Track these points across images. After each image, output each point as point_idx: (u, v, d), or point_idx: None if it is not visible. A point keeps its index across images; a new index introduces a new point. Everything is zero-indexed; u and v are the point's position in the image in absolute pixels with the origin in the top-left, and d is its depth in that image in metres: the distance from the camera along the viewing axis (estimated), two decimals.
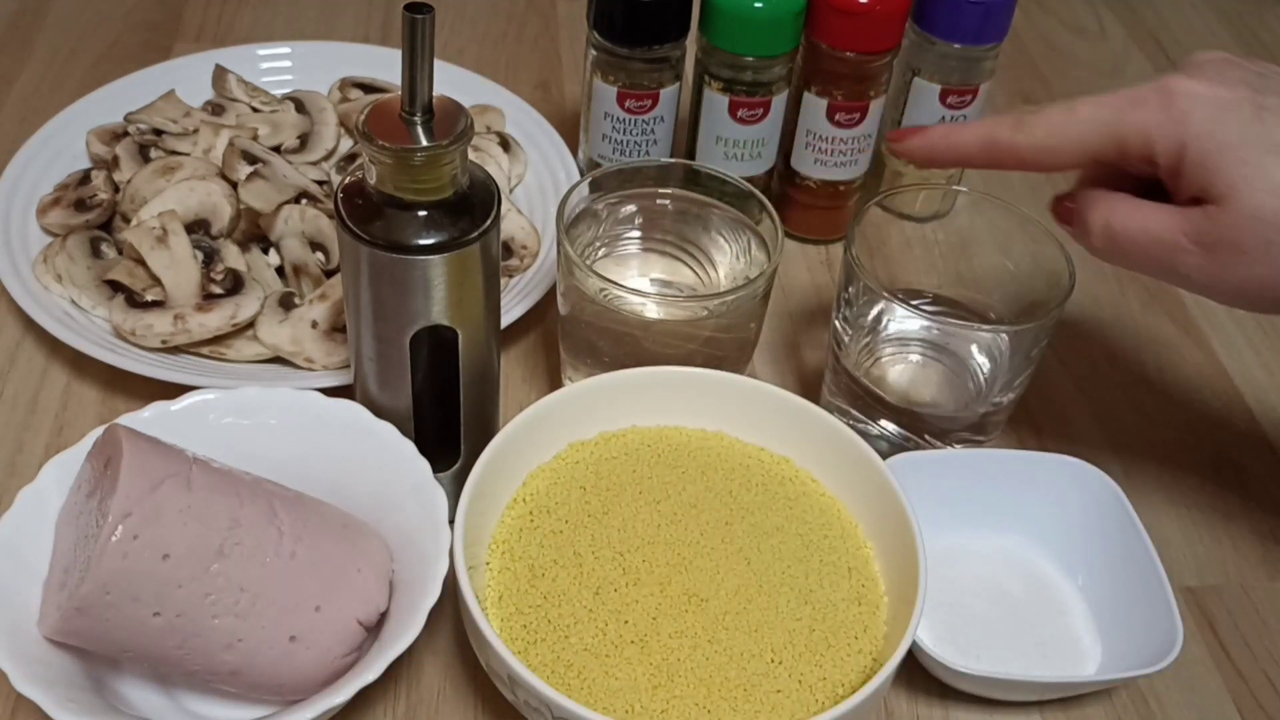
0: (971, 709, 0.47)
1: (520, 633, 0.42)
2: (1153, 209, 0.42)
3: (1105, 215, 0.44)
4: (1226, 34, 0.91)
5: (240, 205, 0.59)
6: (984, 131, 0.45)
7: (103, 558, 0.37)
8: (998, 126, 0.45)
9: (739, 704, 0.41)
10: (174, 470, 0.39)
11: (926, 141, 0.47)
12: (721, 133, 0.62)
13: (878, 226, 0.54)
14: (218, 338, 0.55)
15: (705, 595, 0.44)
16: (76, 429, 0.54)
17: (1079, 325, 0.65)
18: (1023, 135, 0.44)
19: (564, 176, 0.66)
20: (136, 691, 0.43)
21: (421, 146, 0.40)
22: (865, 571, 0.45)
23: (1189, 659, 0.49)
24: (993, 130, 0.45)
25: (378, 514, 0.45)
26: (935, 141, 0.47)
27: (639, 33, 0.59)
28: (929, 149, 0.47)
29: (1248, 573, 0.53)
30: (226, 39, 0.80)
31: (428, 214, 0.41)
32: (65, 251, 0.58)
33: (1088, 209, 0.44)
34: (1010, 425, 0.58)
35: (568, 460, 0.48)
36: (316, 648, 0.41)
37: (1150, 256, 0.43)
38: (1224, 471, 0.58)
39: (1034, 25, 0.90)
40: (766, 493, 0.47)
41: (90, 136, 0.65)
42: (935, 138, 0.47)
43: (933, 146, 0.47)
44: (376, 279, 0.43)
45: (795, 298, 0.65)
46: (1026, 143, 0.44)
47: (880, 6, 0.58)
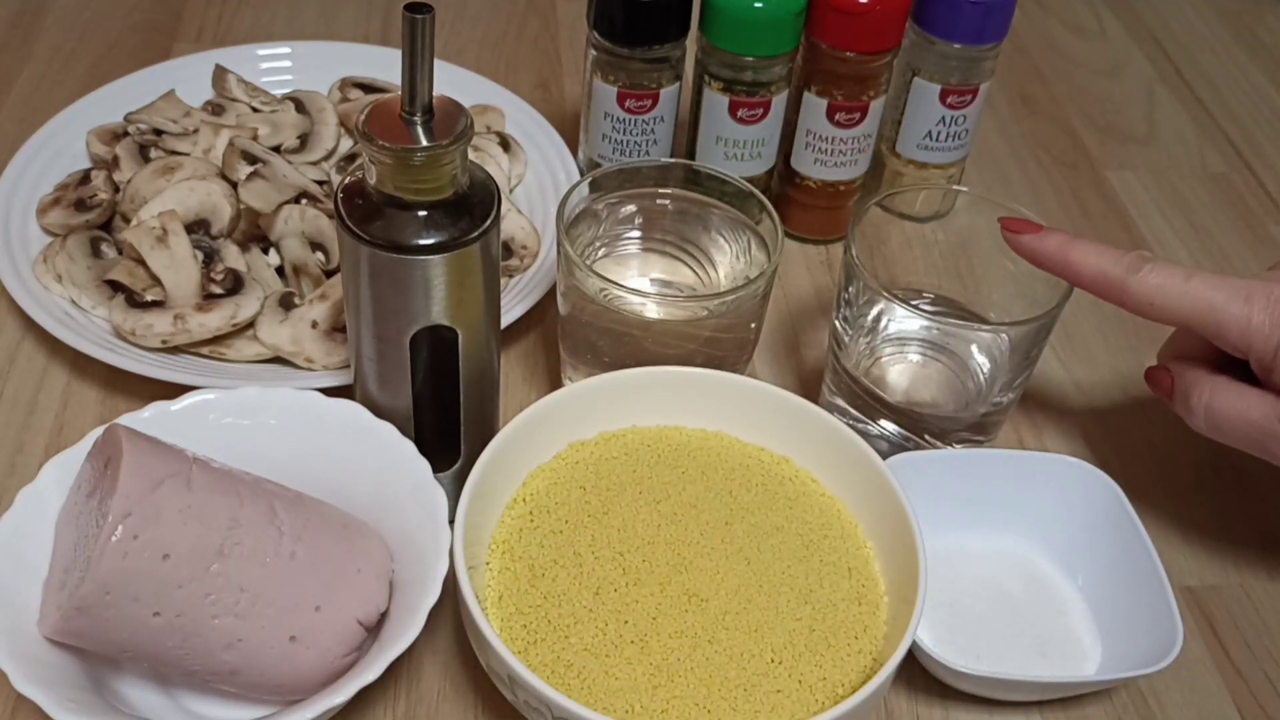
0: (971, 709, 0.47)
1: (520, 633, 0.42)
2: (1250, 395, 0.46)
3: (1208, 399, 0.47)
4: (1227, 34, 0.91)
5: (240, 205, 0.59)
6: (1100, 264, 0.47)
7: (103, 558, 0.37)
8: (1115, 265, 0.47)
9: (739, 704, 0.41)
10: (174, 470, 0.39)
11: (1041, 244, 0.48)
12: (721, 133, 0.62)
13: (878, 226, 0.54)
14: (218, 338, 0.55)
15: (705, 595, 0.44)
16: (76, 429, 0.54)
17: (1079, 325, 0.65)
18: (1134, 283, 0.46)
19: (564, 176, 0.66)
20: (136, 691, 0.43)
21: (421, 146, 0.40)
22: (865, 571, 0.45)
23: (1189, 659, 0.50)
24: (1110, 268, 0.47)
25: (378, 514, 0.45)
26: (1049, 248, 0.48)
27: (639, 33, 0.59)
28: (1044, 254, 0.48)
29: (1248, 573, 0.53)
30: (226, 39, 0.80)
31: (428, 214, 0.41)
32: (65, 251, 0.58)
33: (1190, 390, 0.48)
34: (1010, 425, 0.58)
35: (568, 460, 0.48)
36: (316, 648, 0.41)
37: (1246, 438, 0.47)
38: (1224, 471, 0.58)
39: (1034, 25, 0.90)
40: (766, 493, 0.47)
41: (90, 136, 0.65)
42: (1050, 246, 0.48)
43: (1046, 252, 0.48)
44: (376, 279, 0.43)
45: (795, 298, 0.65)
46: (1136, 292, 0.46)
47: (880, 6, 0.58)
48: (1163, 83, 0.85)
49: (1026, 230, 0.49)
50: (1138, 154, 0.78)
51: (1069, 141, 0.79)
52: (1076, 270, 0.48)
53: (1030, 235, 0.49)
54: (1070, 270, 0.48)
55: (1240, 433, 0.47)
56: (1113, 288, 0.47)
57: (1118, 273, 0.47)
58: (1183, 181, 0.76)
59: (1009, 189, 0.74)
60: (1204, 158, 0.79)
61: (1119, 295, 0.47)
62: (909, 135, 0.65)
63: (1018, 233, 0.49)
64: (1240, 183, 0.77)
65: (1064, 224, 0.72)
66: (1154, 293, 0.46)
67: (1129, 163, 0.77)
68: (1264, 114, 0.83)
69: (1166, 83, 0.85)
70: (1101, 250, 0.47)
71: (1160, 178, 0.76)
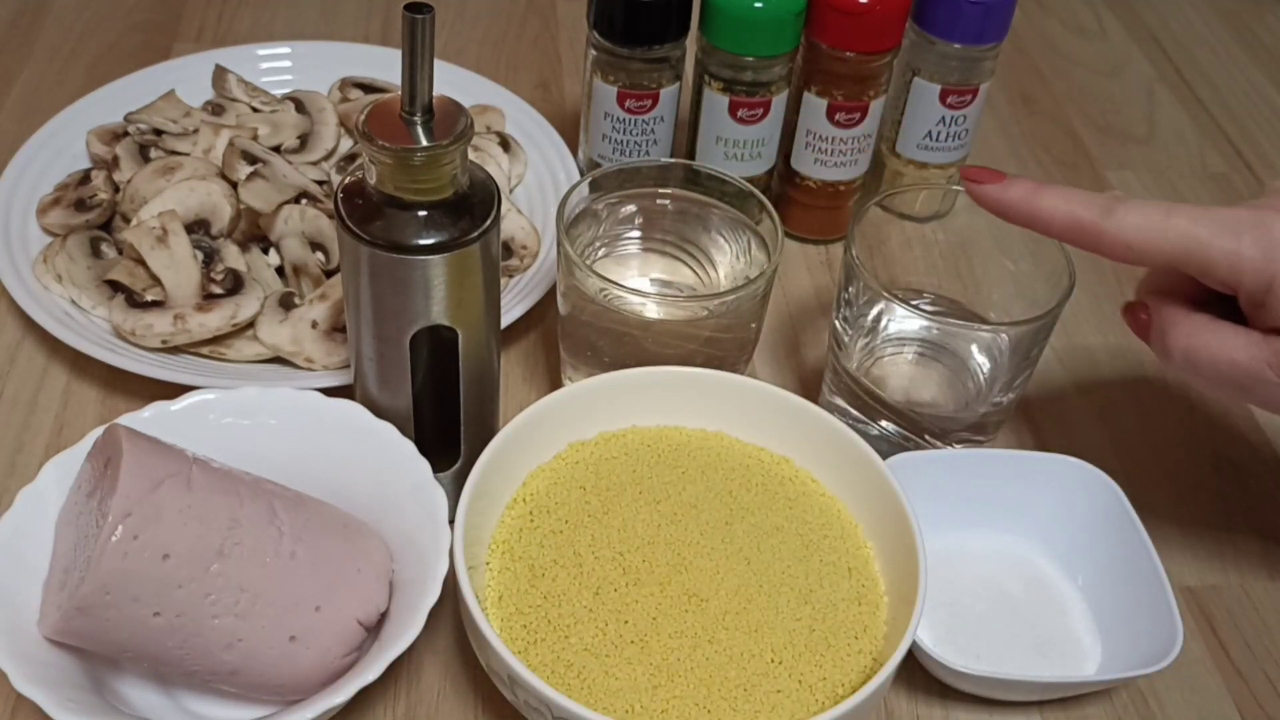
0: (971, 709, 0.47)
1: (520, 633, 0.42)
2: (1235, 335, 0.42)
3: (1187, 340, 0.43)
4: (1227, 34, 0.91)
5: (240, 205, 0.59)
6: (1070, 209, 0.43)
7: (103, 558, 0.37)
8: (1087, 207, 0.43)
9: (739, 704, 0.41)
10: (174, 470, 0.39)
11: (1005, 194, 0.44)
12: (721, 133, 0.62)
13: (878, 226, 0.54)
14: (218, 338, 0.55)
15: (705, 595, 0.44)
16: (76, 429, 0.54)
17: (1079, 325, 0.65)
18: (1111, 225, 0.42)
19: (564, 176, 0.66)
20: (136, 691, 0.43)
21: (421, 146, 0.40)
22: (865, 571, 0.45)
23: (1189, 659, 0.50)
24: (1081, 210, 0.43)
25: (378, 514, 0.45)
26: (1013, 197, 0.44)
27: (639, 33, 0.59)
28: (1008, 203, 0.44)
29: (1248, 573, 0.53)
30: (226, 39, 0.80)
31: (428, 214, 0.41)
32: (65, 251, 0.58)
33: (1168, 328, 0.44)
34: (1010, 425, 0.58)
35: (568, 460, 0.48)
36: (316, 648, 0.41)
37: (1230, 380, 0.43)
38: (1224, 471, 0.58)
39: (1034, 25, 0.90)
40: (766, 493, 0.47)
41: (90, 136, 0.65)
42: (1015, 194, 0.44)
43: (1010, 201, 0.44)
44: (376, 279, 0.43)
45: (795, 298, 0.65)
46: (1115, 234, 0.42)
47: (880, 6, 0.58)
48: (1163, 83, 0.85)
49: (989, 179, 0.45)
50: (1138, 154, 0.78)
51: (1069, 141, 0.79)
52: (1046, 218, 0.44)
53: (993, 185, 0.44)
54: (1039, 219, 0.44)
55: (1221, 375, 0.43)
56: (1086, 233, 0.43)
57: (1091, 216, 0.43)
58: (1183, 181, 0.76)
59: None
60: (1204, 158, 0.79)
61: (1094, 241, 0.43)
62: (909, 135, 0.65)
63: (980, 182, 0.45)
64: (1240, 183, 0.77)
65: None
66: (1132, 233, 0.42)
67: (1129, 163, 0.77)
68: (1264, 114, 0.83)
69: (1166, 83, 0.85)
70: (1072, 194, 0.43)
71: (1160, 178, 0.76)
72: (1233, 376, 0.42)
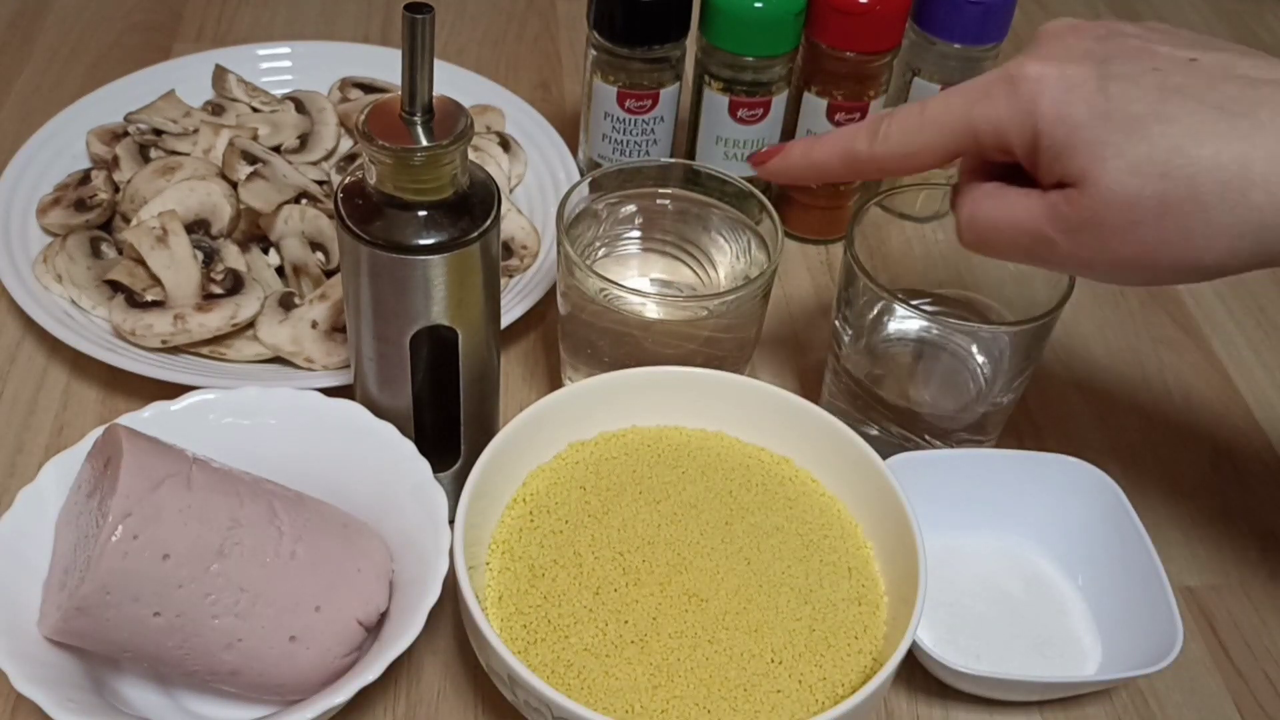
0: (971, 709, 0.47)
1: (520, 633, 0.42)
2: (1016, 198, 0.40)
3: (970, 208, 0.42)
4: (1226, 33, 0.91)
5: (240, 205, 0.59)
6: (842, 145, 0.43)
7: (103, 558, 0.37)
8: (855, 138, 0.43)
9: (739, 704, 0.41)
10: (174, 470, 0.39)
11: (785, 162, 0.45)
12: (721, 133, 0.62)
13: (878, 226, 0.54)
14: (218, 338, 0.55)
15: (705, 595, 0.44)
16: (76, 429, 0.54)
17: (1079, 325, 0.65)
18: (879, 145, 0.42)
19: (564, 176, 0.66)
20: (136, 691, 0.43)
21: (421, 146, 0.40)
22: (865, 571, 0.45)
23: (1189, 659, 0.50)
24: (850, 142, 0.43)
25: (378, 514, 0.45)
26: (794, 161, 0.45)
27: (639, 33, 0.59)
28: (788, 169, 0.45)
29: (1248, 573, 0.53)
30: (226, 39, 0.80)
31: (428, 214, 0.41)
32: (65, 251, 0.58)
33: (958, 204, 0.43)
34: (1010, 425, 0.58)
35: (568, 460, 0.48)
36: (316, 648, 0.41)
37: (1018, 246, 0.41)
38: (1223, 471, 0.58)
39: (1034, 25, 0.89)
40: (766, 493, 0.47)
41: (90, 136, 0.65)
42: (794, 157, 0.45)
43: (791, 167, 0.45)
44: (376, 279, 0.43)
45: (795, 298, 0.65)
46: (884, 151, 0.42)
47: (880, 6, 0.58)
48: None
49: (769, 156, 0.45)
50: None
51: None
52: (825, 164, 0.43)
53: (775, 158, 0.45)
54: (819, 169, 0.44)
55: (1006, 240, 0.41)
56: (863, 162, 0.42)
57: (861, 145, 0.42)
58: None
59: None
60: None
61: (874, 166, 0.42)
62: None
63: (763, 162, 0.45)
64: None
65: None
66: (899, 143, 0.41)
67: None
68: None
69: None
70: (840, 132, 0.43)
71: None
72: (1017, 240, 0.41)
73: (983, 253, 0.42)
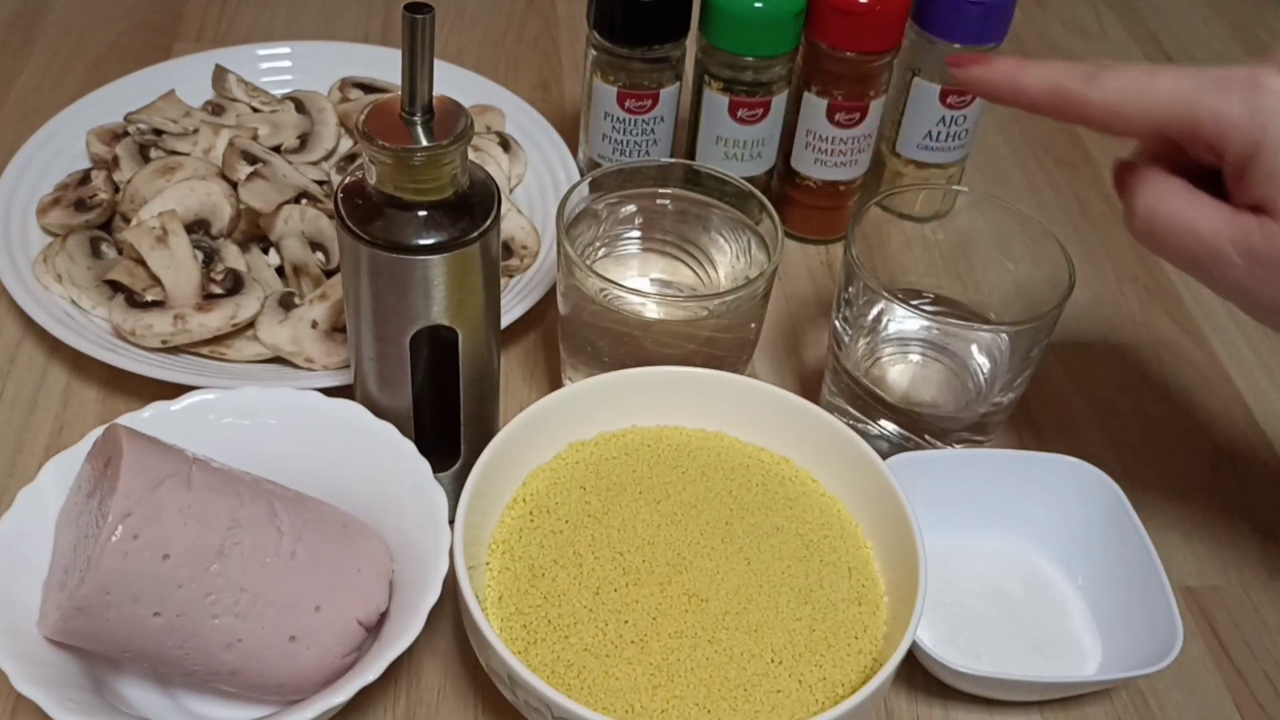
0: (971, 709, 0.47)
1: (520, 633, 0.42)
2: (1205, 206, 0.39)
3: (1152, 200, 0.40)
4: (1226, 33, 0.91)
5: (240, 205, 0.59)
6: (1054, 77, 0.41)
7: (103, 558, 0.37)
8: (1070, 76, 0.41)
9: (739, 704, 0.41)
10: (174, 470, 0.39)
11: (991, 74, 0.43)
12: (721, 133, 0.62)
13: (878, 226, 0.54)
14: (218, 338, 0.55)
15: (705, 595, 0.44)
16: (76, 429, 0.54)
17: (1079, 325, 0.65)
18: (1094, 91, 0.40)
19: (564, 176, 0.66)
20: (136, 691, 0.43)
21: (421, 147, 0.40)
22: (865, 571, 0.45)
23: (1189, 659, 0.49)
24: (1064, 78, 0.41)
25: (378, 514, 0.45)
26: (1000, 77, 0.42)
27: (639, 33, 0.59)
28: (991, 83, 0.43)
29: (1248, 573, 0.53)
30: (226, 39, 0.80)
31: (428, 214, 0.41)
32: (65, 251, 0.58)
33: (1139, 187, 0.41)
34: (1010, 425, 0.58)
35: (568, 460, 0.48)
36: (316, 648, 0.41)
37: (1189, 255, 0.40)
38: (1223, 471, 0.58)
39: (1034, 25, 0.90)
40: (766, 493, 0.47)
41: (90, 136, 0.65)
42: (1001, 73, 0.42)
43: (996, 82, 0.43)
44: (376, 279, 0.43)
45: (795, 298, 0.65)
46: (1098, 100, 0.40)
47: (880, 6, 0.58)
48: None
49: (974, 62, 0.43)
50: None
51: (1069, 141, 0.79)
52: (1030, 92, 0.42)
53: (979, 67, 0.43)
54: (1024, 94, 0.42)
55: (1180, 246, 0.40)
56: (1072, 103, 0.41)
57: (1075, 85, 0.41)
58: None
59: (1009, 189, 0.74)
60: None
61: (1080, 109, 0.41)
62: (909, 135, 0.65)
63: (963, 65, 0.44)
64: None
65: (1064, 224, 0.72)
66: (1116, 97, 0.40)
67: None
68: None
69: None
70: (1055, 65, 0.41)
71: None
72: (1191, 249, 0.39)
73: (1148, 246, 0.41)
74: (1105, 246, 0.70)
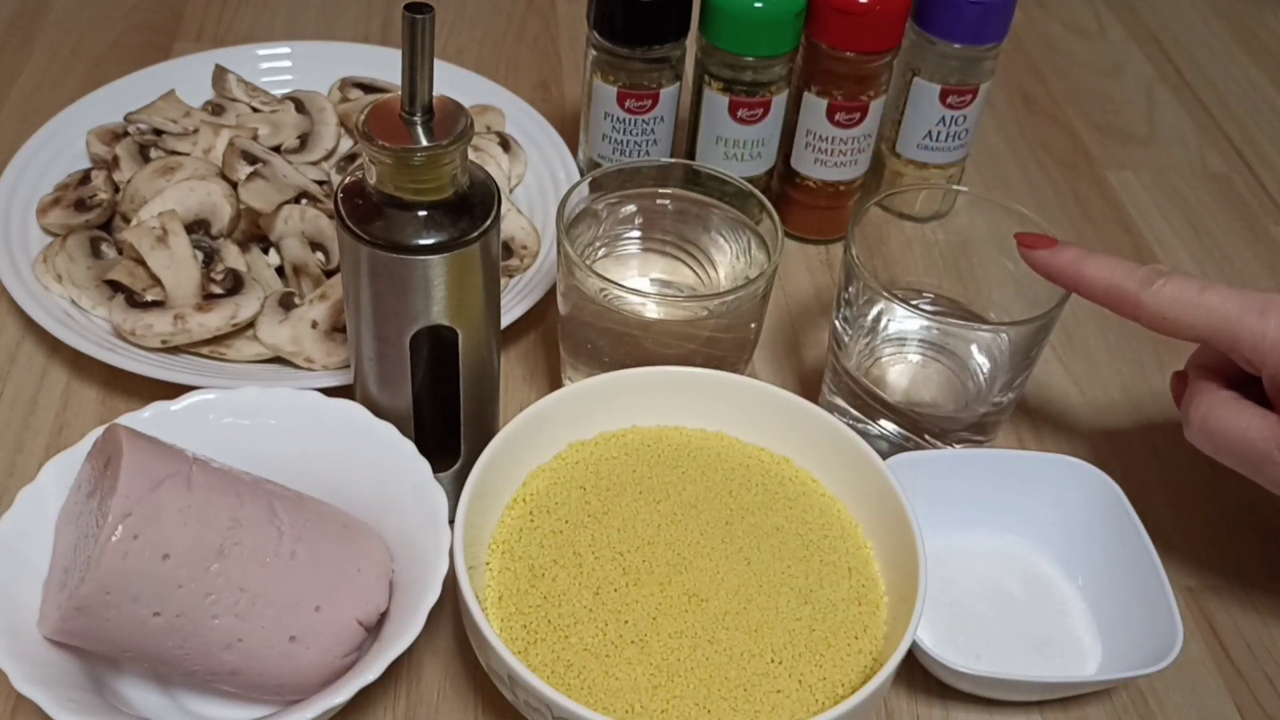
0: (971, 709, 0.47)
1: (520, 633, 0.42)
2: (1251, 415, 0.44)
3: (1205, 411, 0.46)
4: (1227, 34, 0.91)
5: (240, 205, 0.59)
6: (1114, 278, 0.46)
7: (103, 558, 0.37)
8: (1128, 278, 0.46)
9: (739, 704, 0.41)
10: (174, 470, 0.39)
11: (1056, 261, 0.48)
12: (721, 133, 0.62)
13: (878, 226, 0.54)
14: (218, 338, 0.55)
15: (705, 595, 0.44)
16: (76, 429, 0.54)
17: (1079, 325, 0.65)
18: (1148, 297, 0.45)
19: (564, 176, 0.66)
20: (136, 691, 0.43)
21: (421, 147, 0.40)
22: (865, 571, 0.45)
23: (1189, 659, 0.49)
24: (1123, 281, 0.46)
25: (378, 514, 0.45)
26: (1063, 263, 0.47)
27: (639, 33, 0.59)
28: (1056, 269, 0.48)
29: (1248, 573, 0.53)
30: (226, 39, 0.80)
31: (428, 214, 0.41)
32: (65, 251, 0.58)
33: (1193, 398, 0.47)
34: (1010, 425, 0.58)
35: (568, 460, 0.48)
36: (316, 648, 0.41)
37: (1241, 457, 0.45)
38: (1224, 471, 0.57)
39: (1034, 25, 0.90)
40: (766, 493, 0.47)
41: (90, 136, 0.65)
42: (1065, 259, 0.47)
43: (1058, 266, 0.48)
44: (376, 279, 0.43)
45: (795, 298, 0.65)
46: (1150, 305, 0.45)
47: (880, 6, 0.58)
48: (1163, 83, 0.85)
49: (1041, 245, 0.48)
50: (1138, 154, 0.78)
51: (1069, 141, 0.79)
52: (1090, 285, 0.47)
53: (1045, 250, 0.48)
54: (1084, 285, 0.47)
55: (1234, 451, 0.45)
56: (1126, 301, 0.46)
57: (1131, 286, 0.46)
58: (1183, 182, 0.76)
59: (1009, 189, 0.74)
60: (1204, 158, 0.79)
61: (1133, 309, 0.46)
62: (909, 135, 0.65)
63: (1033, 248, 0.49)
64: (1240, 183, 0.77)
65: (1064, 224, 0.72)
66: (1168, 306, 0.45)
67: (1129, 163, 0.77)
68: (1264, 114, 0.83)
69: (1166, 83, 0.85)
70: (1115, 263, 0.47)
71: (1160, 178, 0.76)
72: (1243, 453, 0.45)
73: (1204, 449, 0.47)
74: (1105, 246, 0.70)
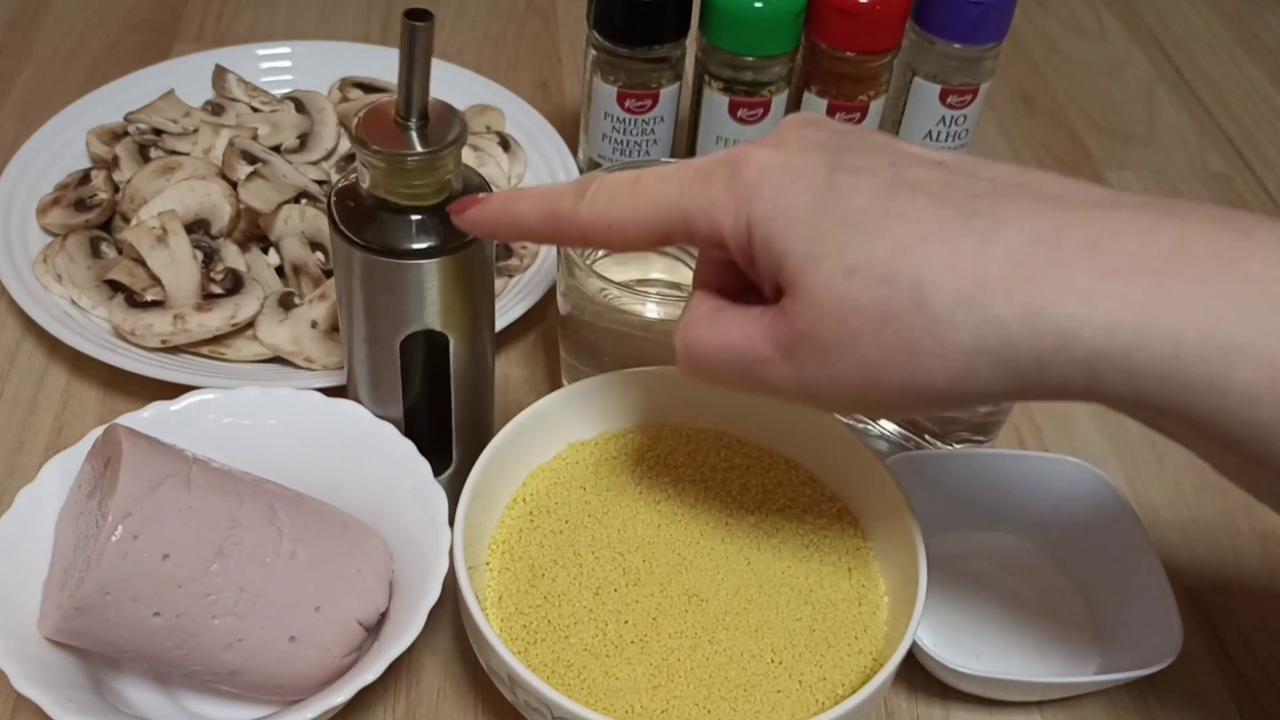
0: (971, 709, 0.47)
1: (520, 633, 0.42)
2: (733, 316, 0.35)
3: (685, 331, 0.36)
4: (1227, 34, 0.91)
5: (240, 205, 0.59)
6: (547, 203, 0.38)
7: (102, 558, 0.37)
8: (562, 196, 0.37)
9: (739, 704, 0.41)
10: (174, 470, 0.39)
11: (483, 212, 0.40)
12: (721, 133, 0.62)
13: None
14: (217, 338, 0.55)
15: (705, 595, 0.44)
16: (76, 429, 0.54)
17: None
18: (584, 209, 0.37)
19: (564, 176, 0.66)
20: (136, 691, 0.43)
21: (415, 152, 0.40)
22: (865, 571, 0.45)
23: (1189, 659, 0.49)
24: (556, 201, 0.37)
25: (378, 514, 0.45)
26: (492, 212, 0.39)
27: (639, 33, 0.59)
28: (485, 219, 0.40)
29: (1248, 573, 0.53)
30: (226, 39, 0.80)
31: (421, 218, 0.41)
32: (65, 251, 0.58)
33: (677, 328, 0.37)
34: (1010, 425, 0.58)
35: (568, 460, 0.48)
36: (316, 648, 0.41)
37: (736, 372, 0.35)
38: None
39: (1034, 25, 0.90)
40: (766, 493, 0.47)
41: (90, 136, 0.65)
42: (493, 207, 0.39)
43: (488, 218, 0.40)
44: (368, 282, 0.42)
45: None
46: (588, 217, 0.36)
47: (880, 6, 0.58)
48: (1163, 83, 0.85)
49: (467, 205, 0.40)
50: (1138, 154, 0.78)
51: (1069, 141, 0.79)
52: (527, 222, 0.38)
53: (473, 208, 0.40)
54: (523, 225, 0.39)
55: (725, 366, 0.35)
56: (564, 224, 0.37)
57: (566, 205, 0.37)
58: (1183, 181, 0.76)
59: None
60: (1204, 158, 0.79)
61: (576, 231, 0.37)
62: (909, 135, 0.65)
63: (460, 212, 0.40)
64: (1240, 183, 0.77)
65: None
66: (606, 209, 0.36)
67: (1129, 163, 0.77)
68: (1264, 114, 0.83)
69: (1166, 83, 0.85)
70: (547, 191, 0.38)
71: (1160, 178, 0.76)
72: (733, 364, 0.35)
73: (699, 380, 0.37)
74: None
